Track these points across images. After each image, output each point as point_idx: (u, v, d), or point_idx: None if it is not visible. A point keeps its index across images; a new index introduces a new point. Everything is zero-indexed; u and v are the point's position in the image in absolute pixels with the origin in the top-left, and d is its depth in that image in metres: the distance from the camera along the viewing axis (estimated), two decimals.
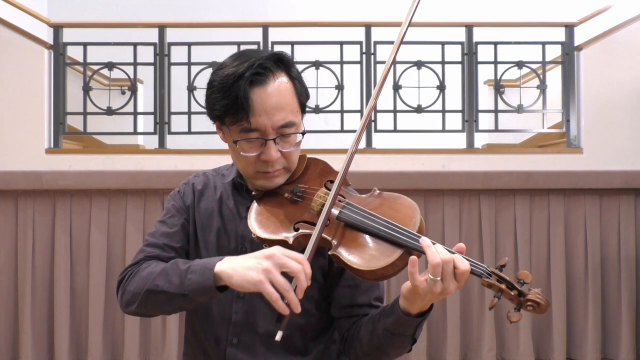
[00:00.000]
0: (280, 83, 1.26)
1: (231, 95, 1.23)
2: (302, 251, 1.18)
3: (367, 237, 1.18)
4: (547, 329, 3.91)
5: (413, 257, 1.12)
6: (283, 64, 1.28)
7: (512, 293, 1.13)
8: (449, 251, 1.13)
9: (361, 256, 1.16)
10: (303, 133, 1.30)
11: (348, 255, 1.17)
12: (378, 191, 1.29)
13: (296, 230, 1.22)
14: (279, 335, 1.12)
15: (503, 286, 1.13)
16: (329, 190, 1.27)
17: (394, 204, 1.24)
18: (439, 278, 1.10)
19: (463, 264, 1.11)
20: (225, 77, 1.25)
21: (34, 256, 3.80)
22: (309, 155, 1.38)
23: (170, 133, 4.19)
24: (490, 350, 3.83)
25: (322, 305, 1.38)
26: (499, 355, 3.90)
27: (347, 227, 1.20)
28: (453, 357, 3.82)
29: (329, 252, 1.19)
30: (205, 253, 1.39)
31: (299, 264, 1.12)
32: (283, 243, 1.20)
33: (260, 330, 1.35)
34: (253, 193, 1.34)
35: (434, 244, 1.13)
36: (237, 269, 1.16)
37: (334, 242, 1.19)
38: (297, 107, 1.30)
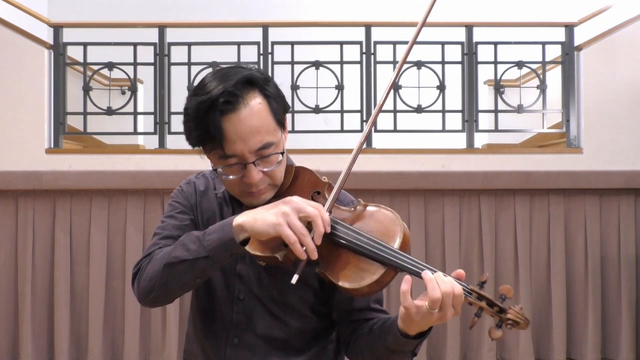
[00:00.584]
0: (253, 106, 1.24)
1: (204, 126, 1.23)
2: (293, 267, 1.19)
3: (352, 254, 1.20)
4: (547, 329, 3.91)
5: (407, 278, 1.12)
6: (255, 84, 1.27)
7: (493, 310, 1.13)
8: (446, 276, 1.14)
9: (346, 275, 1.18)
10: (282, 153, 1.29)
11: (334, 274, 1.19)
12: (362, 203, 1.29)
13: (285, 246, 1.22)
14: (294, 279, 1.14)
15: (483, 304, 1.13)
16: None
17: (378, 218, 1.25)
18: (436, 310, 1.11)
19: (457, 289, 1.12)
20: (197, 105, 1.24)
21: (34, 256, 3.80)
22: (297, 165, 1.38)
23: (170, 133, 4.19)
24: (490, 350, 3.83)
25: (319, 309, 1.39)
26: (499, 355, 3.90)
27: (332, 243, 1.22)
28: (453, 357, 3.82)
29: (316, 270, 1.22)
30: None
31: (317, 210, 1.15)
32: (273, 259, 1.21)
33: (260, 331, 1.36)
34: (243, 208, 1.34)
35: (433, 272, 1.13)
36: (257, 216, 1.18)
37: (320, 260, 1.20)
38: (274, 126, 1.28)
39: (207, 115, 1.22)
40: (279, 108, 1.30)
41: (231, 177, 1.27)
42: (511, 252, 3.90)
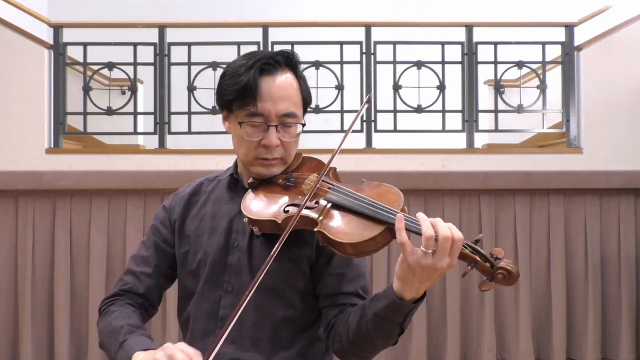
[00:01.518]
0: (288, 77, 1.38)
1: (242, 82, 1.34)
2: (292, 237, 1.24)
3: (351, 215, 1.24)
4: (547, 329, 3.92)
5: (399, 216, 1.15)
6: (292, 62, 1.39)
7: (485, 264, 1.16)
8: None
9: (344, 231, 1.21)
10: (303, 125, 1.40)
11: (332, 230, 1.22)
12: (366, 181, 1.37)
13: (286, 212, 1.29)
14: None
15: (477, 257, 1.16)
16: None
17: (379, 189, 1.31)
18: (430, 251, 1.11)
19: (458, 235, 1.13)
20: (238, 67, 1.37)
21: (34, 256, 3.80)
22: (305, 155, 1.46)
23: (170, 133, 4.19)
24: (490, 350, 3.83)
25: (308, 299, 1.40)
26: (499, 355, 3.90)
27: (333, 207, 1.27)
28: (453, 357, 3.82)
29: (315, 229, 1.23)
30: (200, 255, 1.43)
31: (187, 356, 1.15)
32: (272, 223, 1.28)
33: (248, 325, 1.37)
34: (249, 181, 1.40)
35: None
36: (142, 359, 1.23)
37: (320, 219, 1.25)
38: (300, 102, 1.40)
39: (247, 72, 1.34)
40: (306, 91, 1.43)
41: (252, 138, 1.36)
42: (511, 252, 3.90)
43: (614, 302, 3.93)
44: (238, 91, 1.35)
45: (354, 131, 4.16)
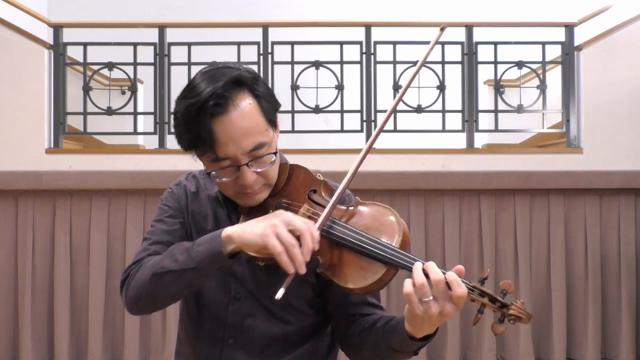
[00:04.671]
0: (243, 107, 1.23)
1: (194, 130, 1.22)
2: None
3: (352, 253, 1.19)
4: (547, 329, 3.92)
5: (407, 281, 1.11)
6: (245, 85, 1.25)
7: (495, 305, 1.13)
8: (442, 272, 1.12)
9: (348, 274, 1.18)
10: (275, 153, 1.28)
11: (335, 274, 1.20)
12: (359, 202, 1.29)
13: None
14: (279, 293, 1.12)
15: (485, 300, 1.13)
16: (313, 201, 1.29)
17: (376, 215, 1.25)
18: (429, 299, 1.09)
19: (459, 287, 1.09)
20: (186, 108, 1.23)
21: (34, 256, 3.80)
22: (291, 163, 1.37)
23: (170, 133, 4.18)
24: (490, 350, 3.83)
25: (317, 304, 1.39)
26: (499, 355, 3.90)
27: (332, 243, 1.22)
28: (453, 357, 3.82)
29: (317, 270, 1.22)
30: None
31: (306, 225, 1.14)
32: (272, 260, 1.20)
33: (258, 331, 1.36)
34: (239, 209, 1.34)
35: (423, 264, 1.12)
36: (246, 227, 1.17)
37: (321, 259, 1.21)
38: (266, 125, 1.26)
39: (197, 119, 1.21)
40: (270, 107, 1.28)
41: (225, 179, 1.27)
42: (511, 252, 3.90)
43: (614, 302, 3.93)
44: (193, 140, 1.23)
45: (353, 131, 4.16)
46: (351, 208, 1.28)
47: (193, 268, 1.21)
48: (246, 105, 1.24)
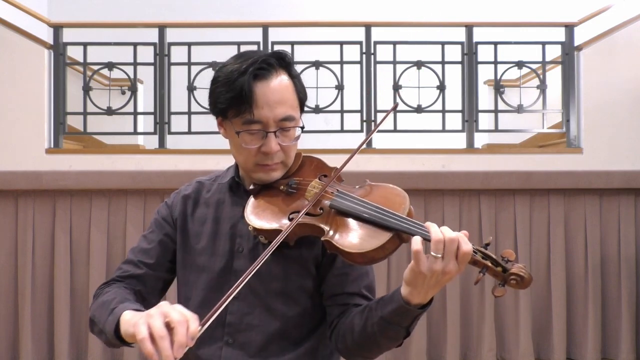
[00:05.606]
0: (282, 79, 1.33)
1: (236, 89, 1.29)
2: (294, 244, 1.26)
3: (358, 222, 1.22)
4: (547, 329, 3.92)
5: (416, 237, 1.14)
6: (285, 62, 1.34)
7: (497, 269, 1.15)
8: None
9: (352, 240, 1.19)
10: (302, 128, 1.36)
11: (339, 240, 1.20)
12: (369, 182, 1.35)
13: (290, 220, 1.26)
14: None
15: (488, 262, 1.16)
16: (323, 181, 1.34)
17: (384, 192, 1.30)
18: (439, 255, 1.12)
19: (466, 244, 1.14)
20: (230, 72, 1.31)
21: (34, 256, 3.80)
22: (304, 154, 1.43)
23: (170, 133, 4.19)
24: (490, 350, 3.83)
25: (316, 297, 1.40)
26: (499, 355, 3.90)
27: (339, 214, 1.25)
28: (453, 357, 3.82)
29: (322, 238, 1.22)
30: (197, 259, 1.42)
31: (184, 317, 1.07)
32: (277, 232, 1.24)
33: (257, 329, 1.36)
34: (250, 187, 1.38)
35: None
36: (132, 317, 1.19)
37: (326, 228, 1.23)
38: (297, 104, 1.36)
39: (240, 78, 1.29)
40: (302, 89, 1.38)
41: (251, 146, 1.32)
42: None
43: (614, 302, 3.93)
44: (232, 99, 1.30)
45: (353, 131, 4.16)
46: (358, 186, 1.34)
47: (105, 332, 1.27)
48: (284, 78, 1.34)
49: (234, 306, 1.37)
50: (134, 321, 1.14)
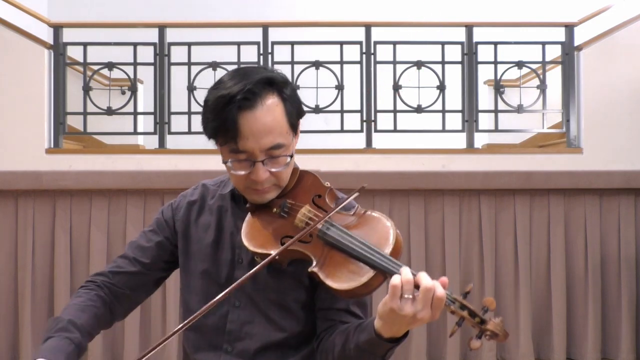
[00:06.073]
0: (270, 106, 1.29)
1: (221, 118, 1.27)
2: (288, 267, 1.28)
3: (344, 256, 1.23)
4: (547, 329, 3.91)
5: (396, 275, 1.13)
6: (275, 85, 1.31)
7: (474, 320, 1.15)
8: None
9: (337, 275, 1.21)
10: (291, 156, 1.33)
11: (325, 275, 1.22)
12: (360, 209, 1.33)
13: (282, 244, 1.27)
14: None
15: (465, 313, 1.14)
16: (316, 205, 1.34)
17: (373, 224, 1.28)
18: (409, 296, 1.11)
19: (440, 291, 1.12)
20: (217, 98, 1.28)
21: (34, 256, 3.80)
22: (302, 169, 1.42)
23: (170, 133, 4.19)
24: (490, 350, 3.83)
25: (312, 308, 1.40)
26: (499, 355, 3.90)
27: (327, 244, 1.25)
28: (453, 357, 3.82)
29: (309, 270, 1.24)
30: (200, 265, 1.43)
31: None
32: (268, 256, 1.25)
33: (256, 338, 1.37)
34: (247, 206, 1.38)
35: (414, 275, 1.14)
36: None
37: (314, 259, 1.24)
38: (287, 129, 1.32)
39: (224, 109, 1.26)
40: (294, 111, 1.33)
41: (239, 172, 1.31)
42: (511, 252, 3.90)
43: (614, 302, 3.92)
44: (217, 128, 1.29)
45: (353, 131, 4.16)
46: (350, 214, 1.32)
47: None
48: (272, 104, 1.29)
49: (234, 315, 1.38)
50: None
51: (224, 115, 1.26)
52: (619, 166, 4.01)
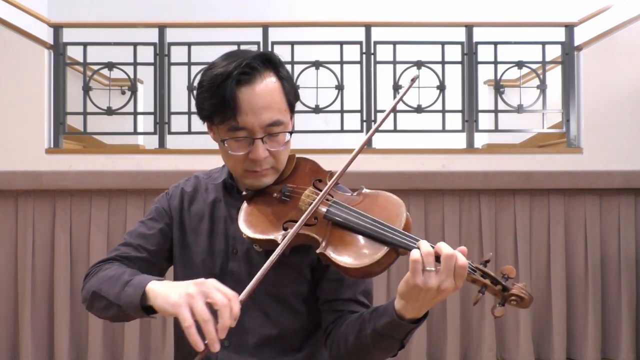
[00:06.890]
0: (268, 82, 1.27)
1: (219, 95, 1.24)
2: (290, 255, 1.21)
3: (354, 235, 1.18)
4: (547, 329, 3.92)
5: (415, 250, 1.10)
6: (271, 63, 1.29)
7: (496, 288, 1.12)
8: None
9: (347, 254, 1.16)
10: (291, 132, 1.31)
11: (334, 254, 1.17)
12: (365, 189, 1.29)
13: (285, 229, 1.23)
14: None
15: (487, 281, 1.12)
16: (317, 189, 1.29)
17: (381, 201, 1.24)
18: (432, 269, 1.08)
19: (461, 259, 1.10)
20: (214, 77, 1.26)
21: (34, 256, 3.80)
22: (298, 155, 1.39)
23: (170, 133, 4.19)
24: (490, 350, 3.83)
25: (312, 303, 1.38)
26: (499, 355, 3.90)
27: (334, 225, 1.21)
28: (453, 357, 3.82)
29: (317, 251, 1.19)
30: (196, 256, 1.40)
31: (227, 298, 1.07)
32: (272, 242, 1.21)
33: (253, 332, 1.35)
34: (243, 193, 1.34)
35: (433, 246, 1.11)
36: (164, 290, 1.15)
37: (321, 240, 1.19)
38: (286, 107, 1.30)
39: (222, 85, 1.23)
40: (291, 91, 1.32)
41: (237, 152, 1.28)
42: (511, 252, 3.90)
43: (614, 302, 3.93)
44: (216, 106, 1.25)
45: (353, 131, 4.16)
46: (355, 194, 1.29)
47: (118, 305, 1.23)
48: (271, 81, 1.27)
49: None
50: (172, 300, 1.10)
51: (222, 92, 1.23)
52: (619, 166, 4.01)
